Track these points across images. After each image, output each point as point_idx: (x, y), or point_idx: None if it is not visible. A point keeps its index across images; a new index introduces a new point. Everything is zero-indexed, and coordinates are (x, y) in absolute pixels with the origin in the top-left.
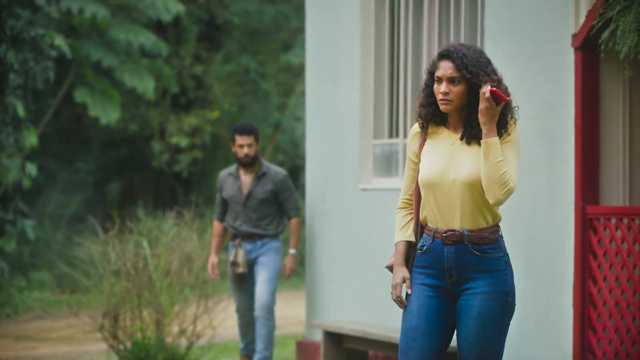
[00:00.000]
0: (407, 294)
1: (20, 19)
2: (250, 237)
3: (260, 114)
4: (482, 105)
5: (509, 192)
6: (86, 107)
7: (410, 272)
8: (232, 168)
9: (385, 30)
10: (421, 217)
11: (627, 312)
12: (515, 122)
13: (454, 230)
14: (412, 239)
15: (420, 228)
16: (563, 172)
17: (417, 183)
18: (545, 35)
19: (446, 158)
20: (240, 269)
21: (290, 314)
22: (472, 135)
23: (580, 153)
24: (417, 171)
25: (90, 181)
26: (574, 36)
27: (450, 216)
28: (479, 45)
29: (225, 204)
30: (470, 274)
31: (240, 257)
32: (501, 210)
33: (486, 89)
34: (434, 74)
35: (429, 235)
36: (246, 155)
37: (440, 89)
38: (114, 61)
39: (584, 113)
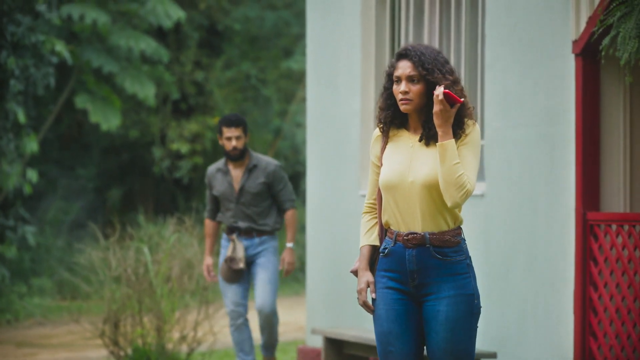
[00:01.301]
0: (373, 298)
1: (21, 25)
2: (248, 233)
3: (261, 120)
4: (436, 108)
5: (467, 195)
6: (87, 114)
7: (375, 275)
8: (220, 163)
9: (386, 37)
10: (383, 220)
11: (627, 318)
12: (474, 123)
13: (416, 233)
14: (377, 243)
15: (384, 231)
16: (563, 178)
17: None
18: (546, 42)
19: (405, 160)
20: (241, 265)
21: (290, 320)
22: (430, 136)
23: (581, 159)
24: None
25: (91, 187)
26: (575, 42)
27: (411, 219)
28: (479, 51)
29: (216, 201)
30: (433, 277)
31: (239, 252)
32: (501, 215)
33: (439, 91)
34: (392, 75)
35: (391, 238)
36: (234, 148)
37: (399, 88)
38: (115, 67)
39: (585, 119)
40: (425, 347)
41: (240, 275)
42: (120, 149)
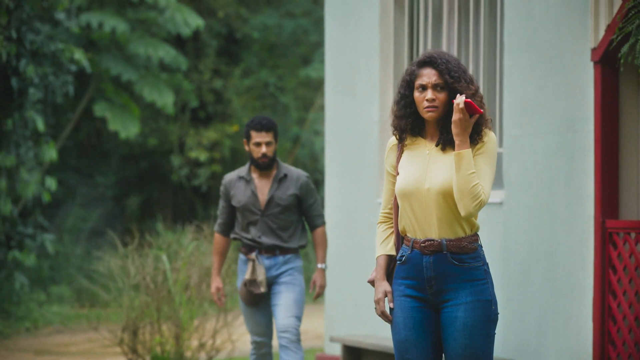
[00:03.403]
0: (390, 307)
1: (40, 33)
2: (270, 250)
3: (279, 128)
4: (455, 117)
5: (481, 205)
6: (105, 122)
7: (391, 283)
8: (242, 170)
9: (404, 45)
10: (400, 227)
11: None
12: (490, 132)
13: (433, 240)
14: (393, 252)
15: (400, 239)
16: (582, 186)
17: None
18: (565, 49)
19: (422, 167)
20: (262, 289)
21: (309, 328)
22: (447, 140)
23: (600, 167)
24: (395, 184)
25: (110, 195)
26: (594, 50)
27: (427, 226)
28: (498, 59)
29: (231, 213)
30: (450, 283)
31: (261, 275)
32: (520, 223)
33: (460, 100)
34: (412, 83)
35: (408, 246)
36: (264, 155)
37: (426, 96)
38: (134, 75)
39: (603, 127)
40: (443, 354)
41: (261, 299)
42: (139, 157)
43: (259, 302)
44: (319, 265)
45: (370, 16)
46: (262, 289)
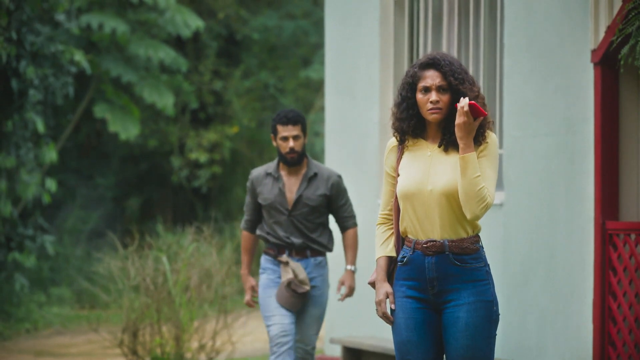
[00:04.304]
0: (392, 309)
1: (40, 35)
2: (301, 251)
3: None
4: (459, 120)
5: (487, 208)
6: (106, 123)
7: (392, 285)
8: (270, 166)
9: (404, 46)
10: (401, 228)
11: None
12: (492, 134)
13: (435, 241)
14: (393, 254)
15: (401, 241)
16: (582, 188)
17: (396, 197)
18: (565, 51)
19: (424, 169)
20: (307, 287)
21: None
22: (450, 142)
23: (600, 168)
24: (395, 185)
25: (110, 196)
26: (593, 52)
27: (430, 227)
28: (498, 61)
29: (257, 210)
30: (452, 284)
31: (303, 274)
32: (520, 224)
33: (464, 103)
34: (414, 85)
35: (409, 247)
36: (292, 150)
37: (429, 98)
38: (134, 77)
39: (603, 128)
40: (444, 355)
41: (305, 298)
42: (139, 158)
43: (301, 303)
44: (348, 267)
45: (370, 17)
46: (308, 287)
